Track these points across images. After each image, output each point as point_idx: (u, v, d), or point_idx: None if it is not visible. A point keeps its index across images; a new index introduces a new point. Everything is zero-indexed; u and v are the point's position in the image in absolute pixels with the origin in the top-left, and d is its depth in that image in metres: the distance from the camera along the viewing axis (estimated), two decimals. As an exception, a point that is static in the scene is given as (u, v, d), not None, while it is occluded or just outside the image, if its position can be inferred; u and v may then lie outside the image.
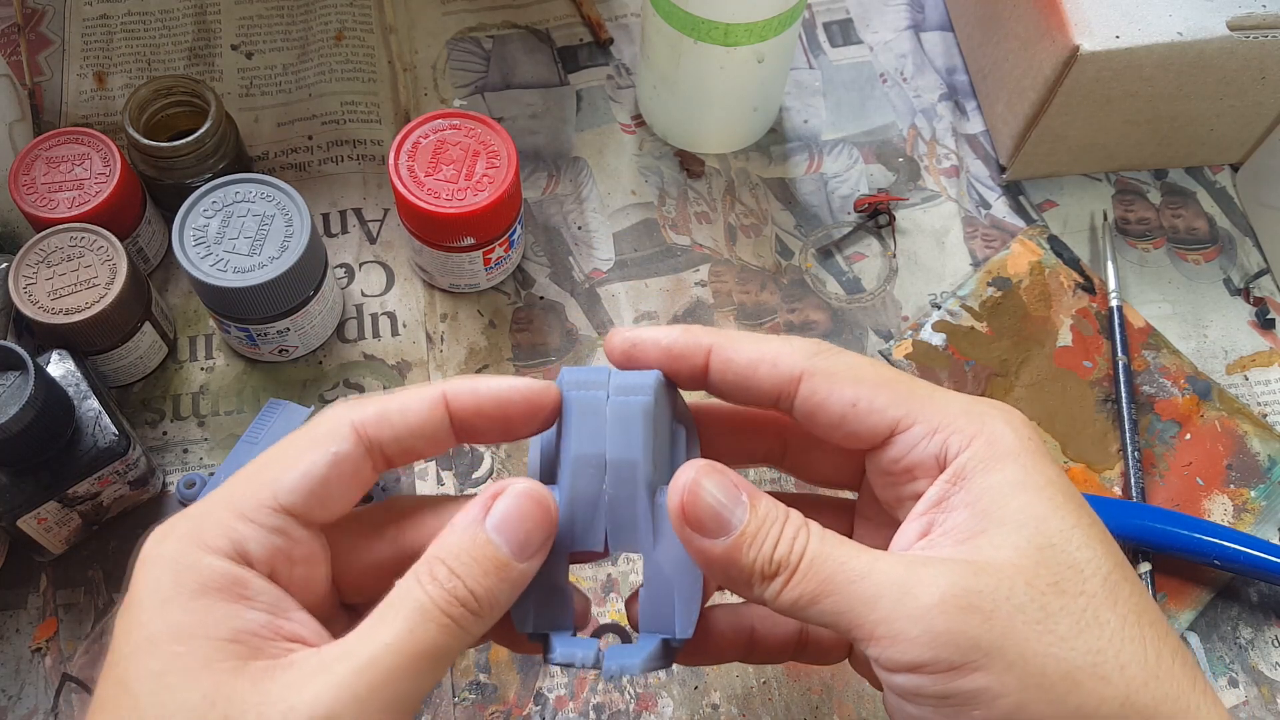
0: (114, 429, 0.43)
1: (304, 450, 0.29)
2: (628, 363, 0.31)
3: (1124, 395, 0.50)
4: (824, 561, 0.27)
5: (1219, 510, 0.49)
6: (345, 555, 0.31)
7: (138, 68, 0.59)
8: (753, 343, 0.31)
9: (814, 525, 0.28)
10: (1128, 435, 0.50)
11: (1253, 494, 0.49)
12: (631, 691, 0.44)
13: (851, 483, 0.35)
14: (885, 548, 0.29)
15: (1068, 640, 0.26)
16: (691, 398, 0.33)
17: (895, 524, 0.32)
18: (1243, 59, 0.50)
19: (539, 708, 0.44)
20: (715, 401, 0.33)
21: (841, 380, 0.30)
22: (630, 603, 0.32)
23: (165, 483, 0.48)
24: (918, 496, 0.30)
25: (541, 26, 0.61)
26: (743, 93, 0.54)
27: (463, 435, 0.30)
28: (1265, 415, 0.51)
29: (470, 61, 0.60)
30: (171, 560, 0.27)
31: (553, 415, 0.31)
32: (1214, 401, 0.51)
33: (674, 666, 0.44)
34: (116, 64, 0.59)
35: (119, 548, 0.46)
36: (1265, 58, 0.50)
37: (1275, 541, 0.47)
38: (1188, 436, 0.50)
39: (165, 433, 0.49)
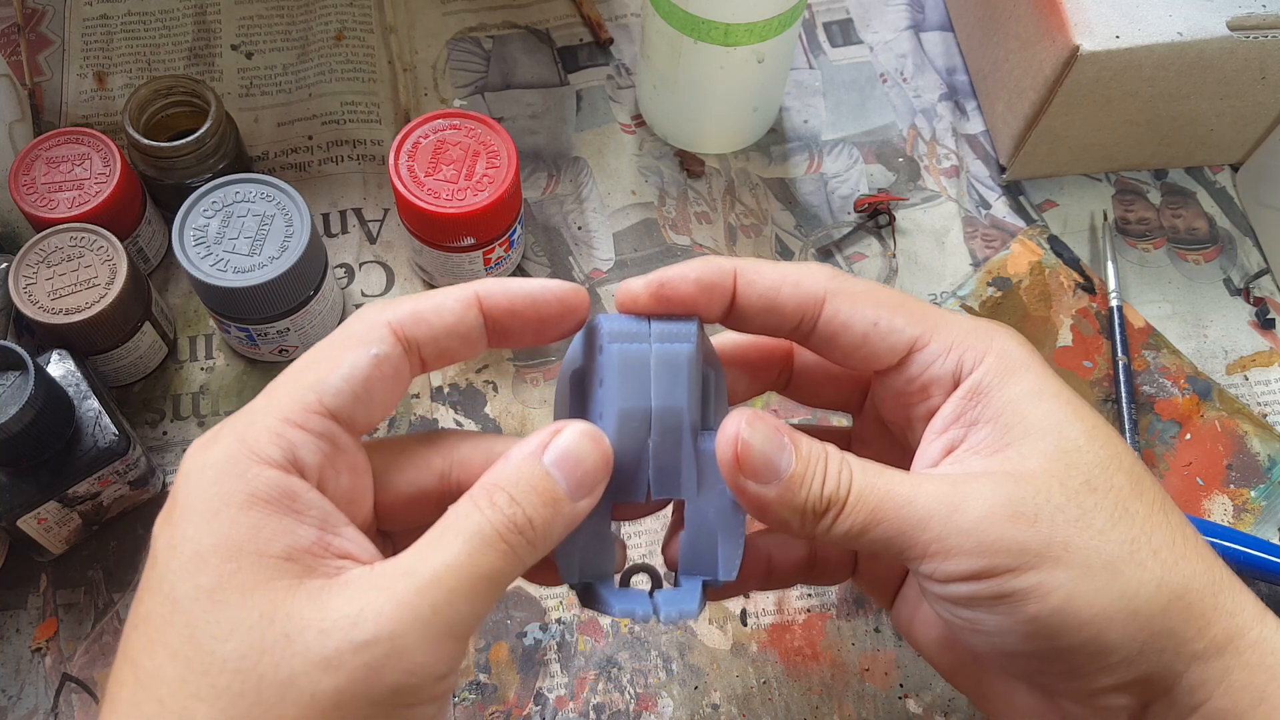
0: (114, 429, 0.43)
1: (344, 351, 0.28)
2: (658, 305, 0.31)
3: (1124, 395, 0.50)
4: (870, 491, 0.28)
5: (1219, 510, 0.49)
6: (385, 479, 0.30)
7: (138, 68, 0.59)
8: (772, 266, 0.31)
9: (852, 458, 0.29)
10: (1128, 435, 0.50)
11: (1253, 494, 0.49)
12: (631, 692, 0.44)
13: (851, 406, 0.36)
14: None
15: (1104, 533, 0.28)
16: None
17: (898, 446, 0.34)
18: (1243, 59, 0.50)
19: (539, 708, 0.44)
20: (724, 337, 0.35)
21: (862, 301, 0.31)
22: (666, 546, 0.33)
23: (165, 483, 0.48)
24: (930, 415, 0.31)
25: (541, 26, 0.61)
26: (743, 93, 0.54)
27: (495, 338, 0.30)
28: (1265, 415, 0.51)
29: (470, 61, 0.60)
30: (219, 470, 0.26)
31: (584, 317, 0.31)
32: (1214, 401, 0.51)
33: (673, 667, 0.45)
34: (116, 64, 0.59)
35: (119, 548, 0.46)
36: (1265, 58, 0.50)
37: (1275, 541, 0.47)
38: (1188, 436, 0.50)
39: (165, 433, 0.49)
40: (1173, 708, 0.29)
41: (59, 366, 0.44)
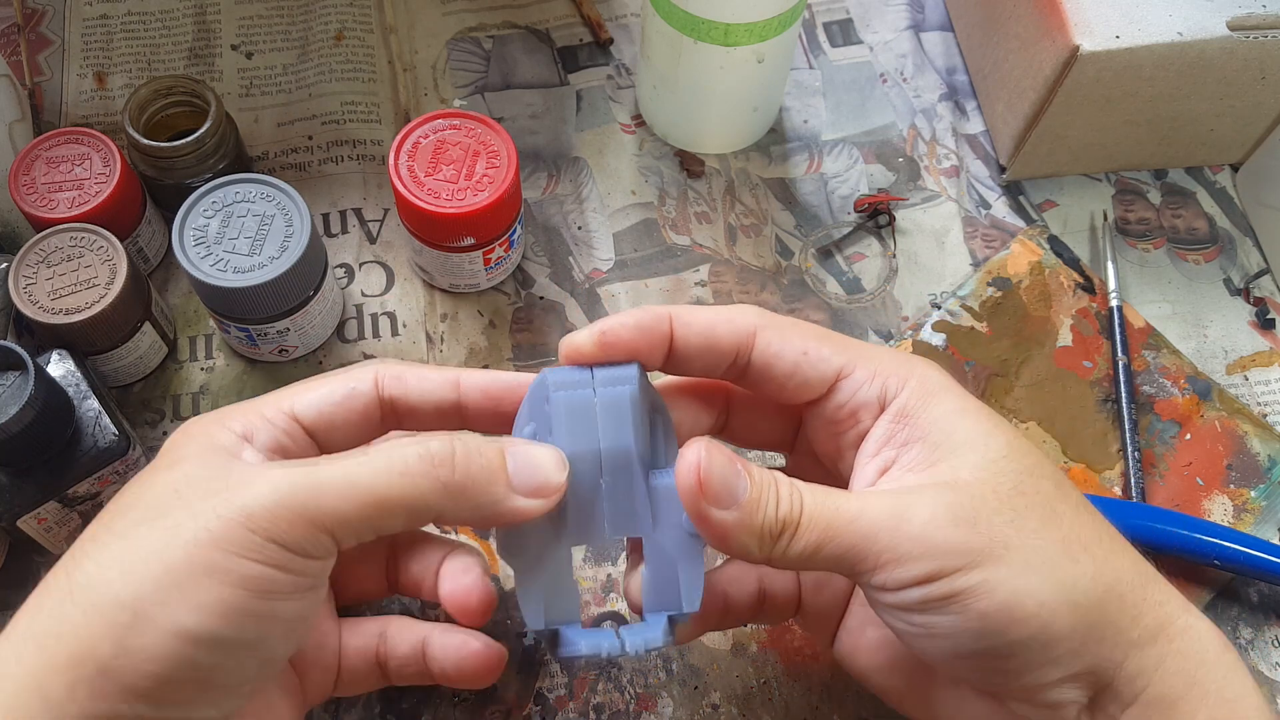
0: (114, 429, 0.43)
1: (327, 380, 0.34)
2: (602, 352, 0.32)
3: (1124, 395, 0.50)
4: (821, 510, 0.30)
5: (1219, 510, 0.49)
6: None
7: (138, 68, 0.59)
8: (704, 309, 0.34)
9: (800, 482, 0.31)
10: (1128, 435, 0.50)
11: (1253, 494, 0.49)
12: (631, 691, 0.44)
13: (785, 444, 0.38)
14: None
15: (1038, 532, 0.30)
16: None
17: (831, 479, 0.35)
18: (1243, 59, 0.50)
19: (539, 708, 0.44)
20: (665, 381, 0.36)
21: (791, 333, 0.33)
22: (628, 588, 0.34)
23: (165, 483, 0.48)
24: (860, 440, 0.33)
25: (541, 26, 0.61)
26: (743, 93, 0.54)
27: (470, 423, 0.34)
28: (1265, 415, 0.51)
29: (470, 61, 0.60)
30: (193, 429, 0.32)
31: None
32: (1214, 401, 0.51)
33: (673, 667, 0.45)
34: (116, 64, 0.59)
35: (119, 548, 0.46)
36: (1265, 58, 0.50)
37: (1275, 541, 0.47)
38: (1188, 436, 0.50)
39: (165, 433, 0.49)
40: (1116, 698, 0.31)
41: (59, 366, 0.44)
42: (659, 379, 0.35)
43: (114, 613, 0.28)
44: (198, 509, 0.29)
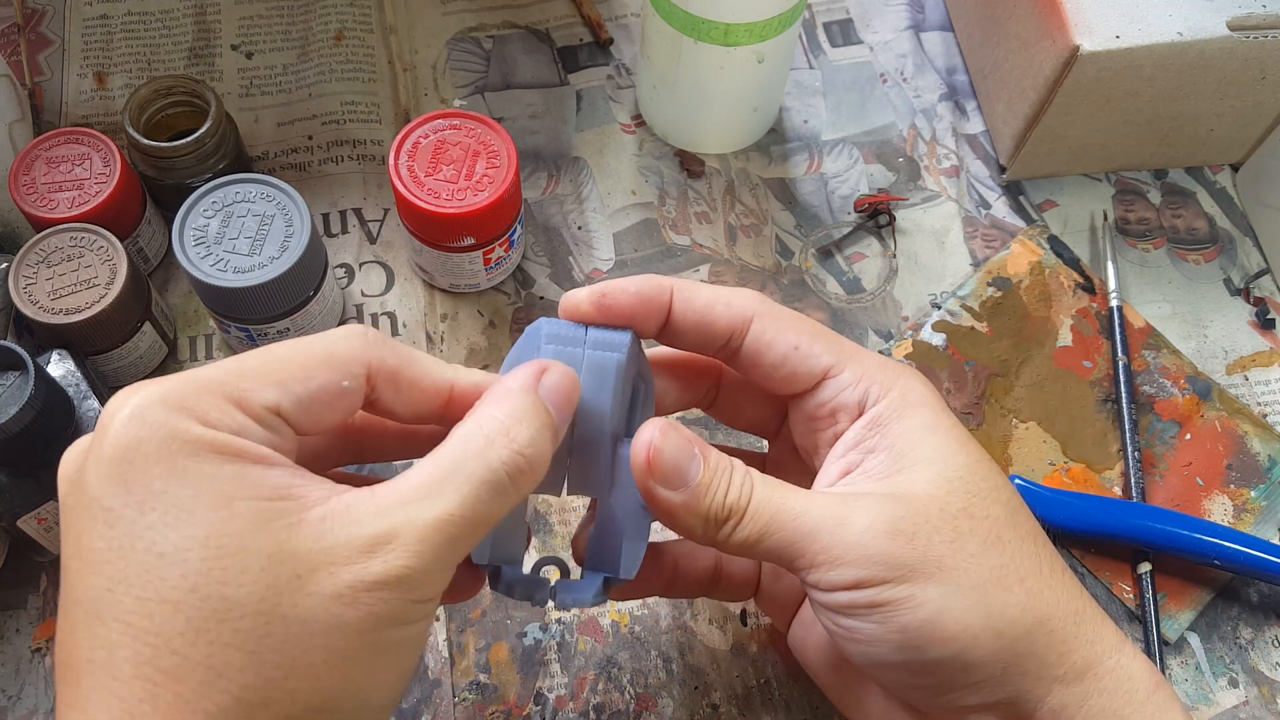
0: (114, 429, 0.43)
1: (319, 367, 0.28)
2: (599, 314, 0.33)
3: (1124, 395, 0.50)
4: (767, 503, 0.31)
5: (1219, 510, 0.49)
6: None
7: (138, 68, 0.59)
8: (706, 288, 0.34)
9: (755, 473, 0.31)
10: (1128, 435, 0.50)
11: (1253, 494, 0.49)
12: (631, 691, 0.44)
13: (768, 430, 0.39)
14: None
15: (976, 557, 0.30)
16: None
17: (808, 472, 0.36)
18: (1243, 59, 0.50)
19: (539, 708, 0.44)
20: (659, 351, 0.36)
21: (785, 325, 0.34)
22: (576, 540, 0.35)
23: (165, 483, 0.48)
24: (834, 439, 0.34)
25: (541, 26, 0.61)
26: (743, 93, 0.54)
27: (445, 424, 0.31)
28: (1265, 415, 0.51)
29: (470, 61, 0.60)
30: (169, 428, 0.25)
31: None
32: (1214, 401, 0.51)
33: (674, 667, 0.45)
34: (116, 64, 0.59)
35: (119, 548, 0.46)
36: (1265, 58, 0.50)
37: (1275, 541, 0.47)
38: (1188, 436, 0.50)
39: (165, 433, 0.49)
40: None
41: (59, 366, 0.44)
42: (654, 346, 0.36)
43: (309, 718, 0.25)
44: (340, 585, 0.25)
